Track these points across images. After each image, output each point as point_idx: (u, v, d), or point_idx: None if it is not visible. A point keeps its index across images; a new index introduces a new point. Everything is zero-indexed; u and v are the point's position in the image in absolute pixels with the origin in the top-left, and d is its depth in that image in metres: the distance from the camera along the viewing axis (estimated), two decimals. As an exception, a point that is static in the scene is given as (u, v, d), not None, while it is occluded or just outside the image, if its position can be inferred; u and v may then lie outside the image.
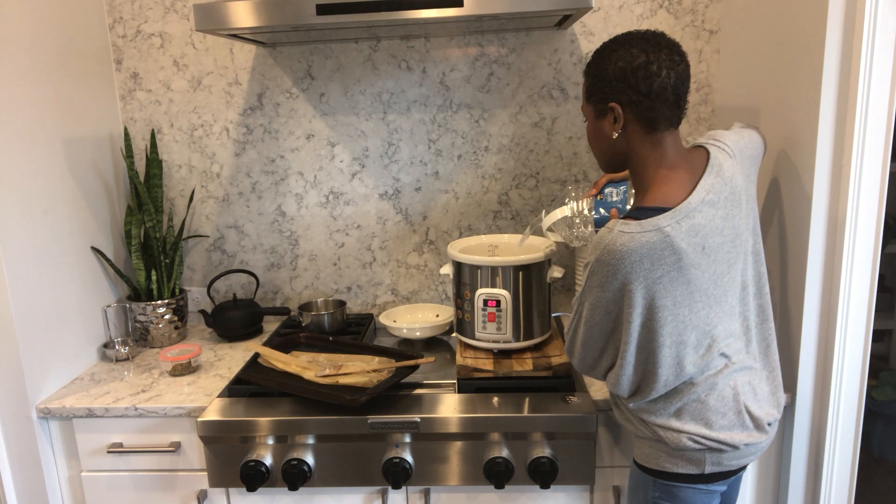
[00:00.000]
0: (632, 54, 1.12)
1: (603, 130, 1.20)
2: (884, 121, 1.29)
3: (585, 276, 1.16)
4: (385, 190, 2.02)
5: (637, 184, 1.21)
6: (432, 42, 1.91)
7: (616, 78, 1.13)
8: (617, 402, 1.31)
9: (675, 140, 1.17)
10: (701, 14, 1.85)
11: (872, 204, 1.33)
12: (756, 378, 1.24)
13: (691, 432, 1.18)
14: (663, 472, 1.23)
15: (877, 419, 2.64)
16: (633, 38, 1.14)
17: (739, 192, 1.18)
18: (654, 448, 1.23)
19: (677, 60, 1.12)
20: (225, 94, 1.98)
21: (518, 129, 1.96)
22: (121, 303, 1.95)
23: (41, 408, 1.54)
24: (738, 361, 1.21)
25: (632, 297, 1.11)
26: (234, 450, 1.47)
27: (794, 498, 1.51)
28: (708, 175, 1.15)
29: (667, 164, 1.16)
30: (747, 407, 1.20)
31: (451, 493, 1.52)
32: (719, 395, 1.18)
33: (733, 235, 1.17)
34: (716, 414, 1.18)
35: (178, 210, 2.06)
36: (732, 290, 1.20)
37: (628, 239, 1.07)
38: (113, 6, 1.93)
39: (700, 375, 1.18)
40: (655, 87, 1.11)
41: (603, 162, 1.26)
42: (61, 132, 1.70)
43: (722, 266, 1.16)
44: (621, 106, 1.14)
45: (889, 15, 1.25)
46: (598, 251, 1.11)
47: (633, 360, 1.18)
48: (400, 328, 1.83)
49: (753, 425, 1.21)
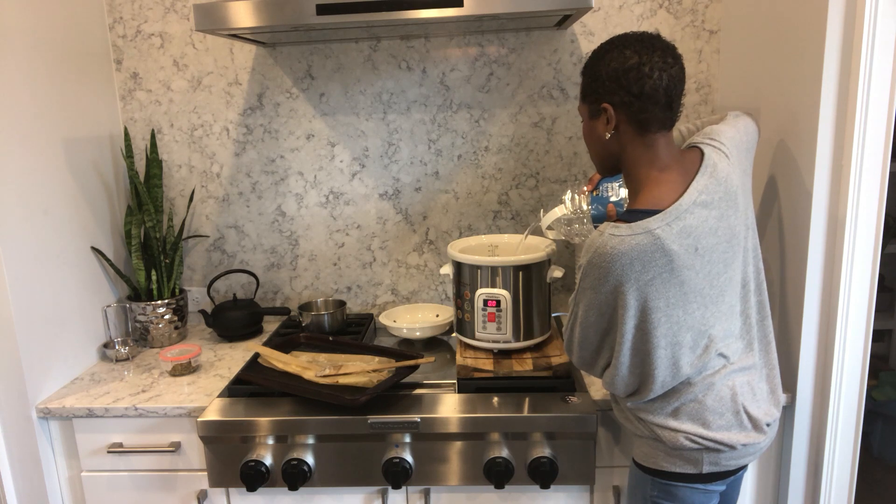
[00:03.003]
0: (625, 55, 1.12)
1: (596, 131, 1.20)
2: (884, 120, 1.29)
3: (578, 279, 1.17)
4: (385, 190, 2.01)
5: (629, 185, 1.22)
6: (432, 42, 1.91)
7: (609, 78, 1.14)
8: (616, 400, 1.32)
9: (668, 142, 1.17)
10: (701, 14, 1.85)
11: (872, 204, 1.32)
12: (755, 377, 1.24)
13: (688, 431, 1.18)
14: (661, 472, 1.23)
15: (877, 419, 2.64)
16: (628, 39, 1.14)
17: (735, 192, 1.18)
18: (652, 447, 1.24)
19: (671, 63, 1.12)
20: (225, 94, 1.98)
21: (518, 129, 1.96)
22: (121, 303, 1.95)
23: (41, 408, 1.54)
24: (737, 362, 1.21)
25: (624, 299, 1.11)
26: (234, 450, 1.47)
27: (794, 498, 1.51)
28: (701, 176, 1.15)
29: (658, 166, 1.16)
30: (745, 407, 1.20)
31: (451, 493, 1.52)
32: (717, 395, 1.19)
33: (729, 235, 1.17)
34: (713, 414, 1.18)
35: (178, 210, 2.06)
36: (731, 290, 1.20)
37: (618, 242, 1.08)
38: (113, 6, 1.93)
39: (698, 376, 1.18)
40: (647, 88, 1.11)
41: (597, 163, 1.27)
42: (61, 132, 1.70)
43: (718, 266, 1.16)
44: (613, 107, 1.15)
45: (889, 15, 1.25)
46: (590, 254, 1.12)
47: (627, 362, 1.18)
48: (400, 328, 1.83)
49: (752, 426, 1.21)
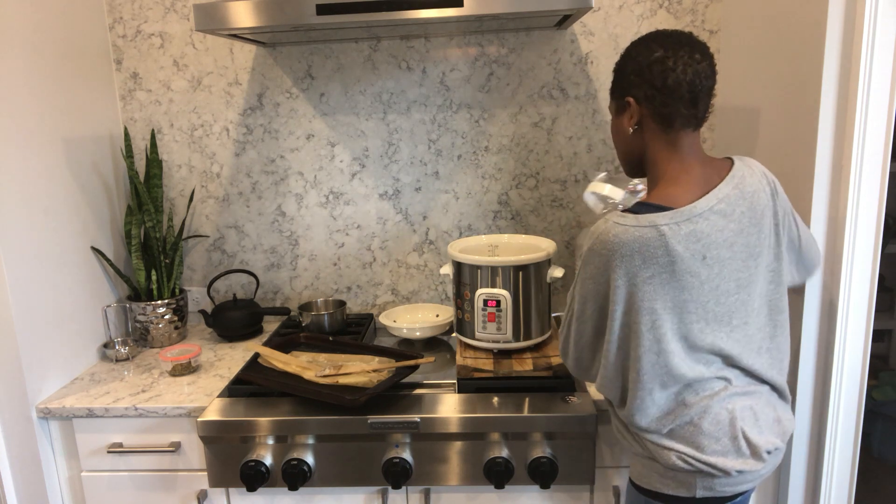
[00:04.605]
0: (650, 49, 1.12)
1: (622, 126, 1.19)
2: (884, 121, 1.29)
3: (578, 268, 1.15)
4: (385, 190, 2.01)
5: (649, 182, 1.20)
6: (432, 42, 1.91)
7: (633, 72, 1.13)
8: (615, 415, 1.28)
9: (692, 142, 1.15)
10: (701, 14, 1.85)
11: (872, 204, 1.32)
12: (760, 403, 1.18)
13: (681, 451, 1.13)
14: (655, 493, 1.20)
15: (877, 419, 2.64)
16: (658, 35, 1.14)
17: (762, 212, 1.14)
18: (647, 467, 1.20)
19: (698, 59, 1.10)
20: (225, 94, 1.98)
21: (518, 129, 1.95)
22: (121, 303, 1.95)
23: (41, 408, 1.54)
24: (740, 385, 1.16)
25: (616, 293, 1.09)
26: (234, 450, 1.47)
27: (794, 498, 1.51)
28: (725, 185, 1.12)
29: (679, 165, 1.14)
30: (745, 433, 1.14)
31: (451, 493, 1.52)
32: (714, 418, 1.13)
33: (747, 254, 1.12)
34: (708, 438, 1.13)
35: (178, 210, 2.06)
36: (743, 314, 1.15)
37: (622, 231, 1.06)
38: (113, 6, 1.93)
39: (695, 396, 1.14)
40: (670, 81, 1.10)
41: (623, 161, 1.25)
42: (61, 132, 1.70)
43: (728, 284, 1.11)
44: (637, 101, 1.14)
45: (889, 15, 1.25)
46: (592, 240, 1.10)
47: (613, 360, 1.15)
48: (400, 328, 1.83)
49: (750, 452, 1.14)
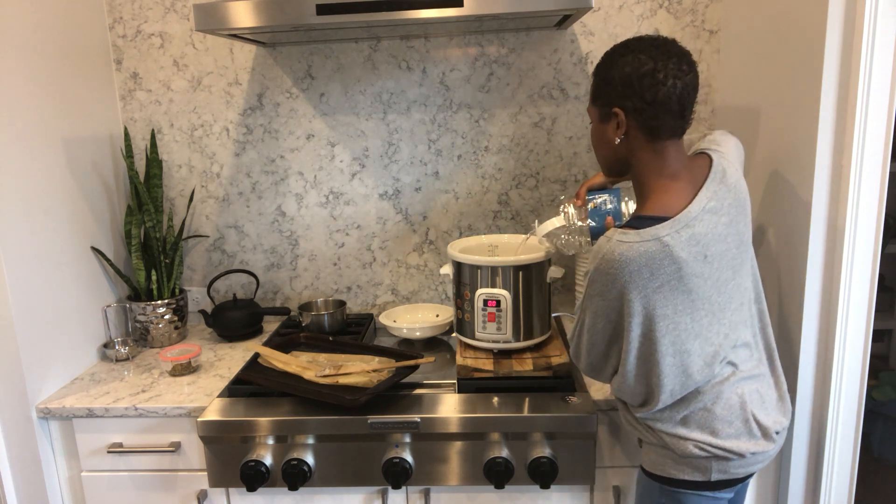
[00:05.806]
0: (640, 60, 1.10)
1: (606, 135, 1.19)
2: (884, 121, 1.29)
3: (586, 285, 1.16)
4: (385, 190, 2.01)
5: (638, 191, 1.20)
6: (432, 42, 1.91)
7: (622, 83, 1.12)
8: (624, 405, 1.30)
9: (678, 149, 1.16)
10: (701, 14, 1.85)
11: (872, 204, 1.32)
12: (764, 385, 1.23)
13: (697, 440, 1.17)
14: (669, 479, 1.22)
15: (877, 419, 2.64)
16: (644, 43, 1.12)
17: (744, 198, 1.18)
18: (661, 455, 1.23)
19: (686, 70, 1.10)
20: (225, 94, 1.98)
21: (518, 129, 1.95)
22: (121, 303, 1.95)
23: (41, 408, 1.54)
24: (746, 369, 1.20)
25: (630, 306, 1.10)
26: (234, 450, 1.47)
27: (795, 498, 1.51)
28: (710, 182, 1.14)
29: (668, 174, 1.15)
30: (755, 415, 1.19)
31: (451, 493, 1.52)
32: (726, 403, 1.17)
33: (738, 241, 1.16)
34: (722, 422, 1.17)
35: (178, 210, 2.06)
36: (739, 296, 1.19)
37: (626, 248, 1.07)
38: (113, 6, 1.93)
39: (706, 384, 1.17)
40: (660, 95, 1.09)
41: (604, 166, 1.25)
42: (61, 132, 1.70)
43: (726, 273, 1.14)
44: (625, 112, 1.13)
45: (889, 15, 1.25)
46: (597, 260, 1.11)
47: (633, 371, 1.17)
48: (400, 328, 1.83)
49: (761, 434, 1.20)
